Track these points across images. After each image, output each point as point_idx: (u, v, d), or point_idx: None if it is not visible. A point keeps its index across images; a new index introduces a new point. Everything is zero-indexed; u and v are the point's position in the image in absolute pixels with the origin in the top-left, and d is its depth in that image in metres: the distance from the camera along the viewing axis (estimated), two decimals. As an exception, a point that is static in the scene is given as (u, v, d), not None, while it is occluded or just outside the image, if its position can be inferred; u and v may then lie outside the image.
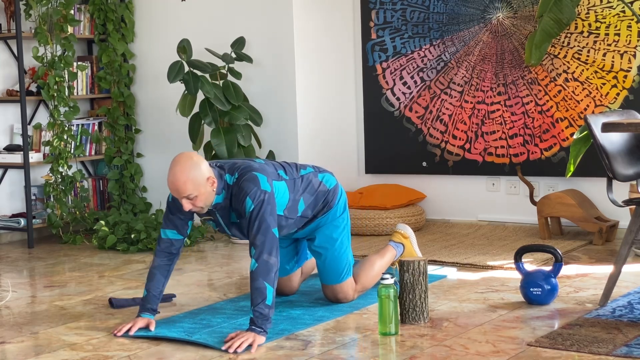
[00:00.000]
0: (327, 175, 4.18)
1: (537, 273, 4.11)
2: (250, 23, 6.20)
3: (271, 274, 3.61)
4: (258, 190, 3.69)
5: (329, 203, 4.11)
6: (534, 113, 5.88)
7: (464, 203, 6.23)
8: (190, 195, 3.65)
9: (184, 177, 3.61)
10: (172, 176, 3.63)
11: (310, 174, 4.10)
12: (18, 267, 5.45)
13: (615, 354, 3.28)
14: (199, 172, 3.64)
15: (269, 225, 3.67)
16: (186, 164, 3.63)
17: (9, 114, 6.39)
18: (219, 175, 3.76)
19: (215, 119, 5.78)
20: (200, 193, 3.66)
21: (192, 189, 3.63)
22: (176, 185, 3.63)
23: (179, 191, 3.64)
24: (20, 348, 3.70)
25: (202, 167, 3.66)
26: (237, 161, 3.90)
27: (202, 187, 3.65)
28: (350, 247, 4.24)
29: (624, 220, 5.40)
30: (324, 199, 4.09)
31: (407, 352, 3.44)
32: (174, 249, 3.89)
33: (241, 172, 3.77)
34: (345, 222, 4.18)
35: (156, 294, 3.87)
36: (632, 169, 4.04)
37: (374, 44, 6.40)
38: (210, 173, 3.69)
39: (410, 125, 6.31)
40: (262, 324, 3.57)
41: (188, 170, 3.62)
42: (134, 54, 6.76)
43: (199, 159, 3.67)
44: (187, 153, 3.70)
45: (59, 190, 6.23)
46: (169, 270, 3.91)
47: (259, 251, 3.63)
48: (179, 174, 3.62)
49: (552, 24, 5.43)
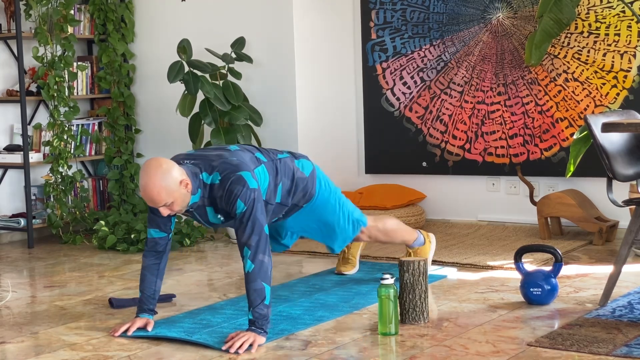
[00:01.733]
0: (303, 160, 4.17)
1: (537, 273, 4.11)
2: (250, 23, 6.20)
3: (268, 273, 3.61)
4: (247, 190, 3.63)
5: (309, 191, 4.13)
6: (534, 113, 5.88)
7: (464, 203, 6.23)
8: (166, 203, 3.58)
9: (157, 187, 3.53)
10: (144, 188, 3.55)
11: (287, 158, 4.09)
12: (18, 267, 5.45)
13: (615, 354, 3.28)
14: (170, 179, 3.55)
15: (262, 224, 3.64)
16: (156, 173, 3.54)
17: (9, 114, 6.39)
18: (192, 175, 3.67)
19: (215, 119, 5.78)
20: (176, 198, 3.58)
21: (166, 197, 3.56)
22: (150, 196, 3.56)
23: (154, 202, 3.57)
24: (20, 348, 3.70)
25: (173, 173, 3.57)
26: (210, 155, 3.78)
27: (176, 193, 3.57)
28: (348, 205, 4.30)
29: (624, 220, 5.40)
30: (303, 187, 4.09)
31: (407, 352, 3.44)
32: (160, 247, 3.85)
33: (224, 173, 3.67)
34: (330, 198, 4.22)
35: (150, 294, 3.86)
36: (632, 169, 4.04)
37: (374, 44, 6.40)
38: (183, 175, 3.60)
39: (410, 125, 6.31)
40: (262, 324, 3.57)
41: (159, 179, 3.53)
42: (134, 54, 6.76)
43: (168, 165, 3.57)
44: (155, 160, 3.59)
45: (59, 190, 6.23)
46: (159, 269, 3.87)
47: (254, 252, 3.60)
48: (151, 186, 3.53)
49: (552, 24, 5.43)
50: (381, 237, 4.48)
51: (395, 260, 5.07)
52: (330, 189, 4.25)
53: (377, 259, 5.18)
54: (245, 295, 3.90)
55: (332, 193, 4.25)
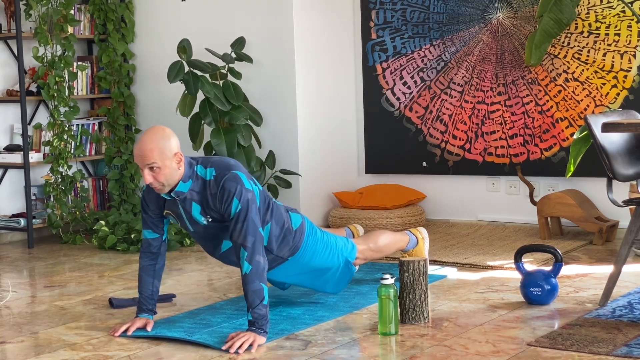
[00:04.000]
0: (293, 214, 4.03)
1: (537, 273, 4.11)
2: (250, 23, 6.20)
3: (264, 273, 3.62)
4: (243, 189, 3.63)
5: (296, 244, 3.99)
6: (534, 113, 5.88)
7: (464, 203, 6.23)
8: (153, 165, 3.57)
9: (152, 144, 3.57)
10: (140, 143, 3.59)
11: (281, 206, 3.98)
12: (18, 267, 5.45)
13: (615, 354, 3.28)
14: (167, 143, 3.59)
15: (257, 226, 3.64)
16: (157, 133, 3.61)
17: (9, 114, 6.39)
18: (188, 163, 3.69)
19: (215, 119, 5.78)
20: (165, 166, 3.58)
21: (156, 157, 3.56)
22: (142, 150, 3.57)
23: (143, 157, 3.57)
24: (20, 348, 3.70)
25: (172, 141, 3.62)
26: (209, 157, 3.82)
27: (167, 160, 3.58)
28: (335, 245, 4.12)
29: (624, 220, 5.40)
30: (291, 239, 3.96)
31: (407, 352, 3.44)
32: (154, 249, 3.85)
33: (219, 170, 3.67)
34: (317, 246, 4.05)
35: (148, 295, 3.86)
36: (632, 169, 4.04)
37: (374, 44, 6.40)
38: (179, 150, 3.64)
39: (410, 125, 6.31)
40: (262, 324, 3.58)
41: (157, 139, 3.58)
42: (134, 54, 6.77)
43: (170, 133, 3.64)
44: (160, 126, 3.68)
45: (59, 190, 6.23)
46: (155, 270, 3.86)
47: (250, 253, 3.59)
48: (147, 141, 3.58)
49: (552, 24, 5.43)
50: (375, 255, 4.38)
51: (395, 260, 5.07)
52: (317, 237, 4.09)
53: (377, 259, 5.18)
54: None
55: (319, 241, 4.08)
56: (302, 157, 6.13)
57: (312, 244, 4.05)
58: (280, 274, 4.10)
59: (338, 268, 4.15)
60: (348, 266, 4.18)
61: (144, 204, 3.83)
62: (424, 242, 4.62)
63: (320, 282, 4.17)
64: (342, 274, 4.18)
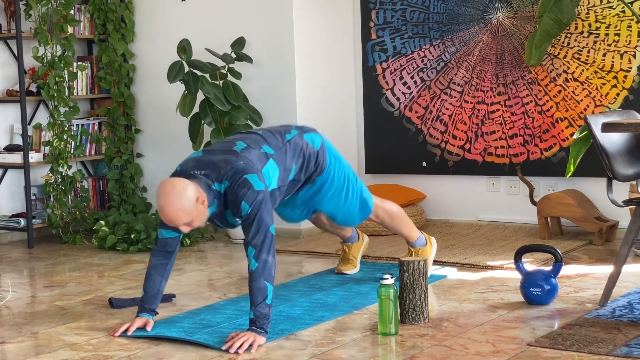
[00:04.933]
0: (312, 134, 4.22)
1: (537, 273, 4.11)
2: (250, 23, 6.20)
3: (271, 273, 3.62)
4: (252, 192, 3.65)
5: (320, 164, 4.20)
6: (534, 113, 5.88)
7: (464, 203, 6.23)
8: (185, 222, 3.63)
9: (174, 209, 3.57)
10: (162, 211, 3.60)
11: (296, 136, 4.13)
12: (18, 267, 5.45)
13: (615, 354, 3.28)
14: (186, 199, 3.58)
15: (268, 225, 3.66)
16: (172, 195, 3.57)
17: (9, 114, 6.39)
18: (206, 187, 3.69)
19: (215, 119, 5.78)
20: (194, 216, 3.62)
21: (184, 217, 3.60)
22: (169, 218, 3.60)
23: (173, 223, 3.62)
24: (20, 348, 3.70)
25: (188, 193, 3.59)
26: (217, 161, 3.77)
27: (194, 212, 3.61)
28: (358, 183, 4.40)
29: (624, 220, 5.40)
30: (315, 161, 4.17)
31: (407, 352, 3.44)
32: (170, 248, 3.87)
33: (231, 179, 3.70)
34: (340, 173, 4.30)
35: (153, 294, 3.86)
36: (632, 169, 4.04)
37: (374, 44, 6.40)
38: (198, 192, 3.62)
39: (410, 125, 6.31)
40: (263, 323, 3.58)
41: (175, 201, 3.57)
42: (134, 54, 6.76)
43: (182, 186, 3.59)
44: (169, 182, 3.63)
45: (59, 190, 6.23)
46: (166, 270, 3.88)
47: (258, 250, 3.62)
48: (169, 209, 3.58)
49: (552, 24, 5.43)
50: (387, 219, 4.56)
51: (395, 260, 5.07)
52: (341, 162, 4.34)
53: (377, 259, 5.19)
54: (246, 295, 3.92)
55: (343, 166, 4.34)
56: (302, 157, 6.13)
57: (337, 164, 4.30)
58: (308, 194, 4.30)
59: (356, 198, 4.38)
60: (365, 205, 4.42)
61: None
62: (431, 248, 4.67)
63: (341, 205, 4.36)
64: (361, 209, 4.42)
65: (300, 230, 6.01)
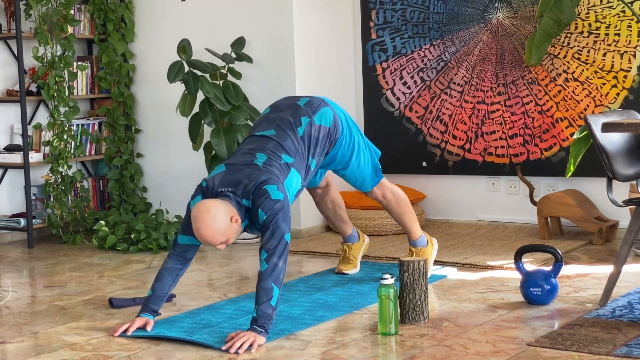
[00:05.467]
0: (322, 111, 4.25)
1: (537, 273, 4.11)
2: (250, 23, 6.20)
3: (280, 277, 3.64)
4: (269, 202, 3.72)
5: (333, 139, 4.27)
6: (534, 113, 5.88)
7: (464, 203, 6.23)
8: (221, 242, 3.71)
9: (210, 232, 3.65)
10: (199, 234, 3.68)
11: (307, 127, 4.16)
12: (18, 267, 5.45)
13: (615, 354, 3.28)
14: (221, 221, 3.66)
15: (283, 232, 3.69)
16: (207, 219, 3.64)
17: (9, 114, 6.39)
18: (237, 204, 3.77)
19: (215, 119, 5.78)
20: (230, 235, 3.71)
21: (220, 237, 3.68)
22: (205, 240, 3.69)
23: (211, 244, 3.70)
24: (20, 348, 3.70)
25: (221, 214, 3.67)
26: (241, 177, 3.81)
27: (228, 231, 3.70)
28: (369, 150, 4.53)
29: (624, 220, 5.40)
30: (329, 139, 4.25)
31: (407, 352, 3.44)
32: (189, 255, 3.92)
33: (255, 193, 3.77)
34: (351, 138, 4.37)
35: (161, 295, 3.88)
36: (632, 169, 4.04)
37: (374, 44, 6.40)
38: (231, 212, 3.71)
39: (410, 125, 6.31)
40: (264, 323, 3.57)
41: (210, 224, 3.64)
42: (134, 54, 6.76)
43: (216, 209, 3.66)
44: (203, 205, 3.68)
45: (59, 190, 6.23)
46: (179, 275, 3.92)
47: (270, 254, 3.65)
48: (205, 232, 3.66)
49: (552, 24, 5.43)
50: (392, 202, 4.64)
51: (395, 260, 5.07)
52: (351, 130, 4.40)
53: (377, 259, 5.19)
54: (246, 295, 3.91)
55: (353, 134, 4.40)
56: (302, 157, 6.12)
57: (347, 134, 4.35)
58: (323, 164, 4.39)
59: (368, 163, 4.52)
60: (376, 170, 4.58)
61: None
62: (432, 249, 4.68)
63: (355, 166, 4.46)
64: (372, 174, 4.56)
65: (300, 230, 6.01)
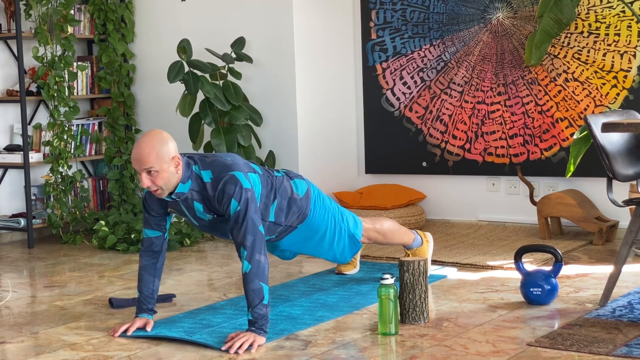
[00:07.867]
0: (297, 180, 4.12)
1: (537, 273, 4.11)
2: (250, 23, 6.20)
3: (265, 272, 3.61)
4: (241, 190, 3.63)
5: (303, 212, 4.09)
6: (534, 113, 5.88)
7: (464, 203, 6.23)
8: (151, 169, 3.58)
9: (149, 148, 3.57)
10: (137, 147, 3.60)
11: (283, 177, 4.06)
12: (18, 267, 5.46)
13: (615, 354, 3.28)
14: (165, 147, 3.60)
15: (256, 224, 3.64)
16: (155, 137, 3.61)
17: (9, 114, 6.39)
18: (186, 164, 3.70)
19: (215, 119, 5.78)
20: (162, 170, 3.59)
21: (154, 162, 3.57)
22: (140, 154, 3.58)
23: (140, 161, 3.58)
24: (20, 348, 3.70)
25: (170, 145, 3.62)
26: (205, 155, 3.81)
27: (165, 164, 3.59)
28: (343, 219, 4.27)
29: (624, 220, 5.40)
30: (297, 208, 4.06)
31: (407, 352, 3.44)
32: (155, 247, 3.86)
33: (216, 172, 3.68)
34: (325, 216, 4.19)
35: (148, 294, 3.86)
36: (632, 169, 4.04)
37: (374, 44, 6.40)
38: (176, 154, 3.64)
39: (410, 125, 6.31)
40: (262, 324, 3.58)
41: (154, 142, 3.59)
42: (134, 54, 6.77)
43: (168, 137, 3.64)
44: (157, 129, 3.68)
45: (59, 190, 6.23)
46: (157, 269, 3.87)
47: (250, 252, 3.60)
48: (144, 145, 3.58)
49: (552, 24, 5.43)
50: (380, 238, 4.48)
51: (395, 260, 5.07)
52: (325, 206, 4.21)
53: (377, 259, 5.18)
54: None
55: (327, 211, 4.21)
56: (302, 157, 6.13)
57: (321, 211, 4.17)
58: (290, 242, 4.20)
59: (343, 242, 4.28)
60: (353, 240, 4.30)
61: (146, 205, 3.83)
62: (428, 245, 4.66)
63: (327, 249, 4.29)
64: (350, 245, 4.32)
65: (300, 230, 6.01)
